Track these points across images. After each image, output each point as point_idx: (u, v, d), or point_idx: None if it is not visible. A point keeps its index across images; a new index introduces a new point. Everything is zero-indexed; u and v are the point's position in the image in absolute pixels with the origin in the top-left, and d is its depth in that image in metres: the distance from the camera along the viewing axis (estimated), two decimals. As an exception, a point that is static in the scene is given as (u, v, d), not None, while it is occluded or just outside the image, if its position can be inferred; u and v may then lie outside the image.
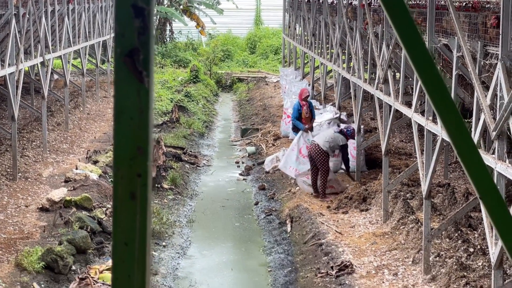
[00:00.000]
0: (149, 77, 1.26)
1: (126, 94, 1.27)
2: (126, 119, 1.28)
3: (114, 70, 1.28)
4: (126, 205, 1.28)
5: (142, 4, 1.24)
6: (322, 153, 16.67)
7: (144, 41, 1.25)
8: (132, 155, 1.27)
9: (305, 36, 29.94)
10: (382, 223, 14.84)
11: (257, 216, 17.67)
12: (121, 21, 1.25)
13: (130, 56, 1.25)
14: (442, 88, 1.87)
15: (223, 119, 30.93)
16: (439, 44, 12.61)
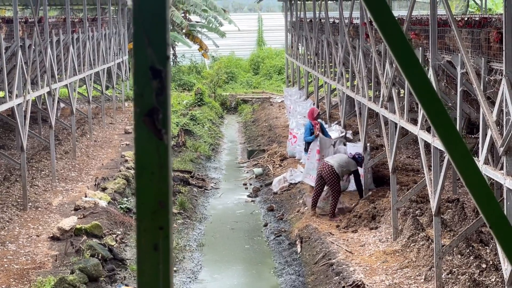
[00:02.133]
0: (167, 134, 1.32)
1: (147, 151, 1.33)
2: (147, 175, 1.33)
3: (134, 128, 1.34)
4: (150, 256, 1.34)
5: (159, 66, 1.30)
6: (334, 174, 16.75)
7: (162, 100, 1.31)
8: (154, 208, 1.33)
9: (308, 55, 30.06)
10: (392, 241, 14.83)
11: (267, 237, 17.68)
12: (140, 82, 1.31)
13: (149, 115, 1.31)
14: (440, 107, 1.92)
15: (229, 141, 31.01)
16: (443, 61, 12.67)
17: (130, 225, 17.00)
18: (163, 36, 1.30)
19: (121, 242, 15.83)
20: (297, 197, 19.33)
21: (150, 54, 1.30)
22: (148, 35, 1.30)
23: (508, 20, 9.43)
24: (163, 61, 1.31)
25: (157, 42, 1.31)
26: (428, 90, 1.92)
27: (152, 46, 1.30)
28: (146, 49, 1.31)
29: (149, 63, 1.30)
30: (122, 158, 23.29)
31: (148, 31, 1.30)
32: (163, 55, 1.31)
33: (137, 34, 1.31)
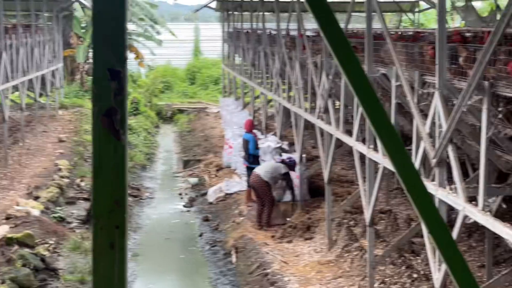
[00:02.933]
0: (125, 135, 1.35)
1: (104, 151, 1.35)
2: (104, 174, 1.35)
3: (92, 128, 1.36)
4: (105, 255, 1.36)
5: (118, 67, 1.33)
6: (263, 183, 16.77)
7: (120, 101, 1.33)
8: (110, 208, 1.35)
9: (244, 66, 30.17)
10: (326, 251, 14.98)
11: (202, 247, 17.67)
12: (98, 82, 1.33)
13: (107, 115, 1.33)
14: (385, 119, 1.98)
15: (165, 151, 30.89)
16: (378, 74, 12.89)
17: (63, 235, 16.78)
18: (122, 38, 1.33)
19: (53, 251, 15.61)
20: (232, 207, 19.37)
21: (109, 55, 1.33)
22: (107, 37, 1.32)
23: (441, 35, 9.65)
24: (121, 62, 1.33)
25: (116, 44, 1.33)
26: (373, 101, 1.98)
27: (111, 48, 1.32)
28: (105, 51, 1.33)
29: (108, 64, 1.33)
30: (55, 166, 22.96)
31: (107, 33, 1.33)
32: (121, 57, 1.34)
33: (97, 36, 1.34)
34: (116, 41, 1.33)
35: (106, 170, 1.35)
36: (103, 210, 1.35)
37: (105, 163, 1.35)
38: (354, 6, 13.96)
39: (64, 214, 18.51)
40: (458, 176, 9.13)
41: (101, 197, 1.36)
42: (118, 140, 1.35)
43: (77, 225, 18.03)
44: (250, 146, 19.16)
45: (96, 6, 1.33)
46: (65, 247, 16.13)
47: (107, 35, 1.33)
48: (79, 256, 15.82)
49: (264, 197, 16.79)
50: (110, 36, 1.33)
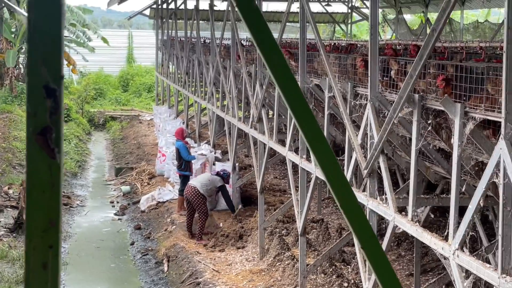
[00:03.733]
0: (60, 153, 1.33)
1: (38, 170, 1.33)
2: (38, 193, 1.33)
3: (27, 147, 1.34)
4: (38, 275, 1.33)
5: (54, 85, 1.31)
6: (199, 195, 16.69)
7: (56, 120, 1.31)
8: (44, 227, 1.33)
9: (178, 74, 30.09)
10: (258, 260, 15.02)
11: (133, 256, 17.51)
12: (33, 100, 1.31)
13: (42, 134, 1.31)
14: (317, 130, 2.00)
15: (97, 158, 30.54)
16: (311, 84, 13.01)
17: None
18: (57, 55, 1.31)
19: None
20: (165, 216, 19.26)
21: (44, 73, 1.31)
22: (43, 54, 1.30)
23: (373, 48, 9.80)
24: (57, 80, 1.31)
25: (52, 61, 1.31)
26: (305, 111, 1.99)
27: (46, 65, 1.31)
28: (40, 68, 1.31)
29: (43, 82, 1.31)
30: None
31: (43, 50, 1.31)
32: (57, 74, 1.32)
33: (32, 53, 1.32)
34: (52, 57, 1.32)
35: (41, 189, 1.33)
36: (37, 229, 1.33)
37: (39, 182, 1.33)
38: (288, 16, 14.06)
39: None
40: (389, 186, 9.27)
41: (35, 216, 1.34)
42: (53, 159, 1.33)
43: (4, 234, 17.67)
44: (182, 153, 19.07)
45: (31, 22, 1.31)
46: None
47: (43, 51, 1.31)
48: (6, 265, 15.51)
49: (199, 209, 16.70)
50: (46, 52, 1.31)
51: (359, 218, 2.00)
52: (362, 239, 2.05)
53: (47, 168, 1.32)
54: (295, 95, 1.98)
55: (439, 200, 10.00)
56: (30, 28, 1.29)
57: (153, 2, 39.34)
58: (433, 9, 27.21)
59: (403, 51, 11.95)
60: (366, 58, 10.47)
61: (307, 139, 2.00)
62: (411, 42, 11.56)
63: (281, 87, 1.98)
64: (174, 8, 31.06)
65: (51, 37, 1.30)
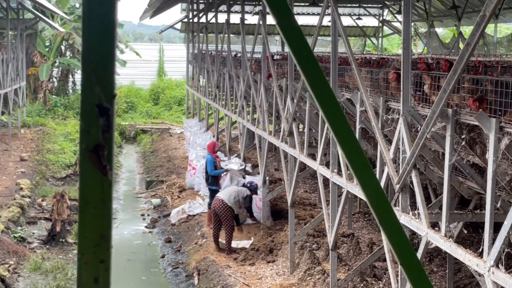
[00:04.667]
0: (111, 170, 1.36)
1: (91, 186, 1.36)
2: (90, 209, 1.36)
3: (80, 164, 1.37)
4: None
5: (106, 104, 1.34)
6: (227, 208, 16.70)
7: (108, 137, 1.34)
8: (96, 242, 1.36)
9: (209, 87, 30.21)
10: (289, 274, 14.99)
11: (164, 269, 17.57)
12: (86, 118, 1.35)
13: (95, 151, 1.34)
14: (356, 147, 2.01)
15: (128, 171, 30.72)
16: (343, 99, 13.01)
17: (23, 255, 16.58)
18: (110, 74, 1.34)
19: (14, 272, 15.42)
20: (195, 229, 19.31)
21: (98, 92, 1.34)
22: (96, 73, 1.34)
23: (405, 61, 9.79)
24: (110, 99, 1.35)
25: (105, 80, 1.35)
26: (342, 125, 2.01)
27: (100, 84, 1.34)
28: (94, 87, 1.34)
29: (96, 100, 1.34)
30: (17, 186, 22.72)
31: (96, 69, 1.34)
32: (110, 94, 1.35)
33: (85, 72, 1.35)
34: (105, 77, 1.35)
35: (93, 205, 1.36)
36: (89, 244, 1.36)
37: (92, 198, 1.36)
38: (319, 30, 14.07)
39: (25, 234, 18.31)
40: (421, 201, 9.22)
41: (86, 232, 1.37)
42: (104, 176, 1.37)
43: (37, 245, 17.83)
44: (207, 166, 19.20)
45: (85, 42, 1.35)
46: (26, 268, 15.95)
47: (96, 70, 1.35)
48: (39, 276, 15.64)
49: (225, 223, 16.69)
50: (99, 71, 1.35)
51: (398, 234, 2.00)
52: (402, 256, 2.06)
53: (99, 185, 1.35)
54: (335, 112, 2.00)
55: (472, 215, 9.94)
56: (84, 48, 1.33)
57: (184, 16, 39.62)
58: (465, 22, 27.11)
59: (436, 65, 11.91)
60: (398, 71, 10.45)
61: (344, 152, 2.02)
62: (444, 57, 11.52)
63: (321, 104, 1.99)
64: (205, 22, 31.23)
65: (104, 57, 1.33)
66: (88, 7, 1.31)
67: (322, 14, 13.58)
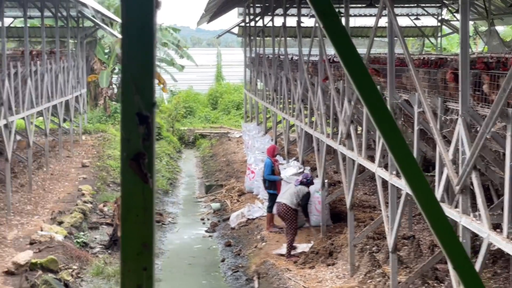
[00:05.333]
0: (152, 178, 1.37)
1: (132, 194, 1.37)
2: (132, 217, 1.37)
3: (121, 172, 1.38)
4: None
5: (146, 112, 1.35)
6: (291, 211, 16.72)
7: (148, 146, 1.35)
8: (138, 250, 1.37)
9: (266, 91, 30.25)
10: (349, 277, 14.90)
11: (224, 273, 17.63)
12: (127, 127, 1.36)
13: (135, 159, 1.35)
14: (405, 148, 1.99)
15: (187, 176, 30.95)
16: (400, 100, 12.89)
17: (86, 260, 16.83)
18: (150, 83, 1.35)
19: (77, 277, 15.66)
20: (254, 233, 19.34)
21: (137, 100, 1.35)
22: (136, 82, 1.35)
23: (463, 61, 9.65)
24: (149, 107, 1.36)
25: (144, 89, 1.36)
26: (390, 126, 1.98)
27: (140, 93, 1.35)
28: (134, 96, 1.35)
29: (136, 109, 1.35)
30: (79, 191, 23.10)
31: (136, 78, 1.35)
32: (149, 102, 1.36)
33: (125, 81, 1.36)
34: (144, 85, 1.36)
35: (134, 213, 1.37)
36: (131, 252, 1.37)
37: (133, 206, 1.37)
38: (376, 31, 13.97)
39: (87, 239, 18.59)
40: (482, 203, 9.07)
41: (129, 240, 1.38)
42: (146, 184, 1.37)
43: (100, 250, 18.09)
44: (264, 170, 19.30)
45: (124, 52, 1.36)
46: (88, 272, 16.19)
47: (136, 79, 1.36)
48: (102, 281, 15.86)
49: (289, 225, 16.72)
50: (138, 80, 1.36)
51: (450, 238, 1.97)
52: (454, 259, 2.03)
53: (140, 193, 1.36)
54: (383, 114, 1.98)
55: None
56: (124, 57, 1.34)
57: (241, 20, 39.76)
58: (526, 20, 26.60)
59: (495, 64, 11.71)
60: (456, 72, 10.31)
61: (393, 153, 1.99)
62: (504, 55, 11.33)
63: (368, 106, 1.98)
64: (262, 25, 31.30)
65: (143, 66, 1.34)
66: (127, 16, 1.32)
67: (378, 15, 13.49)
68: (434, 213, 2.00)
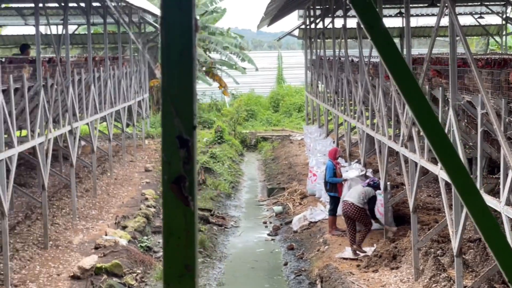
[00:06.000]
0: (193, 201, 1.37)
1: (174, 217, 1.37)
2: (174, 240, 1.38)
3: (163, 195, 1.39)
4: (176, 319, 1.38)
5: (186, 135, 1.35)
6: (359, 210, 16.74)
7: (189, 169, 1.36)
8: (180, 272, 1.37)
9: (327, 93, 30.15)
10: (413, 281, 14.73)
11: (287, 276, 17.62)
12: (167, 150, 1.36)
13: (176, 183, 1.36)
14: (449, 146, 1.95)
15: (249, 179, 31.03)
16: (463, 101, 12.69)
17: (150, 264, 17.02)
18: (190, 107, 1.35)
19: (141, 281, 15.84)
20: (317, 236, 19.28)
21: (178, 124, 1.36)
22: (176, 106, 1.35)
23: (528, 61, 9.46)
24: (190, 131, 1.36)
25: (184, 113, 1.36)
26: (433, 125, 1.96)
27: (180, 116, 1.35)
28: (174, 119, 1.36)
29: (177, 132, 1.36)
30: (142, 196, 23.38)
31: (176, 102, 1.36)
32: (190, 125, 1.36)
33: (165, 105, 1.37)
34: (184, 109, 1.36)
35: (176, 236, 1.38)
36: (174, 274, 1.38)
37: (174, 229, 1.38)
38: (437, 31, 13.77)
39: (151, 243, 18.79)
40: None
41: (171, 262, 1.38)
42: (187, 206, 1.38)
43: (163, 255, 18.25)
44: (326, 173, 19.28)
45: (165, 75, 1.37)
46: (152, 276, 16.36)
47: (176, 103, 1.36)
48: (165, 285, 15.98)
49: (363, 222, 16.83)
50: (179, 104, 1.36)
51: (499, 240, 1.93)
52: (508, 271, 1.98)
53: (181, 215, 1.36)
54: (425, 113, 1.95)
55: None
56: (164, 81, 1.34)
57: (301, 22, 39.74)
58: None
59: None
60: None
61: (437, 153, 1.96)
62: None
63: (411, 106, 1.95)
64: (322, 27, 31.22)
65: (183, 89, 1.34)
66: (167, 41, 1.33)
67: (440, 14, 13.30)
68: (475, 203, 1.96)
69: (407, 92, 1.93)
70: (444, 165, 1.89)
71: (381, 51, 1.84)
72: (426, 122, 1.98)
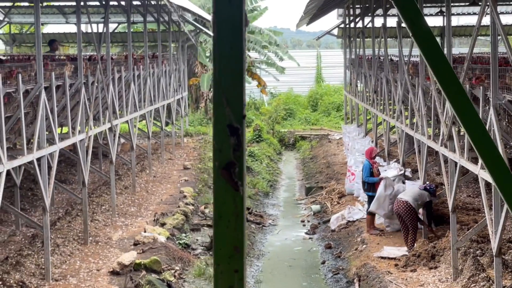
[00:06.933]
0: (243, 186, 1.44)
1: (224, 201, 1.44)
2: (224, 223, 1.45)
3: (213, 180, 1.46)
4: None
5: (237, 124, 1.42)
6: (411, 210, 16.73)
7: (239, 155, 1.43)
8: (230, 253, 1.44)
9: (366, 93, 30.07)
10: (452, 281, 14.66)
11: (325, 275, 17.64)
12: (218, 138, 1.43)
13: (227, 169, 1.43)
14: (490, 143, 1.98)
15: (287, 178, 31.08)
16: (504, 101, 12.61)
17: (188, 261, 17.16)
18: (240, 96, 1.42)
19: (179, 277, 15.98)
20: (355, 235, 19.27)
21: (228, 113, 1.42)
22: (226, 95, 1.42)
23: None
24: (239, 119, 1.43)
25: (235, 102, 1.42)
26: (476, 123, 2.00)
27: (230, 105, 1.42)
28: (225, 108, 1.43)
29: (227, 121, 1.42)
30: (181, 193, 23.55)
31: (227, 92, 1.42)
32: (240, 114, 1.43)
33: (217, 94, 1.44)
34: (235, 99, 1.43)
35: (226, 219, 1.45)
36: (224, 255, 1.44)
37: (224, 212, 1.44)
38: (479, 30, 13.70)
39: (189, 240, 18.93)
40: None
41: (221, 244, 1.45)
42: (236, 191, 1.44)
43: (201, 252, 18.40)
44: (363, 172, 19.30)
45: (216, 67, 1.43)
46: (190, 273, 16.49)
47: (226, 93, 1.43)
48: (203, 282, 16.14)
49: (411, 223, 16.80)
50: (229, 93, 1.43)
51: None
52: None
53: (231, 200, 1.43)
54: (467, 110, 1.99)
55: None
56: (215, 71, 1.41)
57: (340, 21, 39.67)
58: None
59: None
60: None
61: (478, 149, 2.00)
62: None
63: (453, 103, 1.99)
64: (362, 26, 31.14)
65: (234, 80, 1.41)
66: (219, 34, 1.39)
67: (481, 13, 13.22)
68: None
69: (448, 88, 1.97)
70: (485, 163, 1.94)
71: (422, 47, 1.89)
72: (467, 119, 2.03)
